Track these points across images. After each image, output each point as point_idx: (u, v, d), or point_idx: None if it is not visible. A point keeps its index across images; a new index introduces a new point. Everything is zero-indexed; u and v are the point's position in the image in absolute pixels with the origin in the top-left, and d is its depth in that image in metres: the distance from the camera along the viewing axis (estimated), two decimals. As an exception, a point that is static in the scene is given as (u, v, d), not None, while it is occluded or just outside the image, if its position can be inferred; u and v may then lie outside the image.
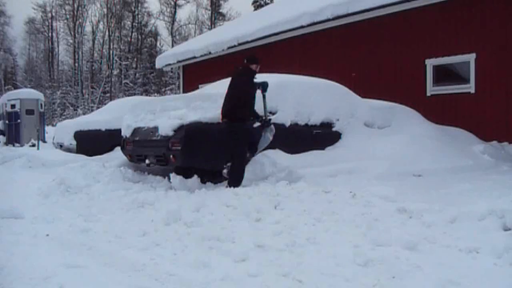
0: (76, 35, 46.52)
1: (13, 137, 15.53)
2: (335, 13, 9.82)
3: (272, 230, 3.65)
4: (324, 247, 3.28)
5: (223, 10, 47.73)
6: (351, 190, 4.77)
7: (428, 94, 8.92)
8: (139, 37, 47.62)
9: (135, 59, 46.13)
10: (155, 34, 47.95)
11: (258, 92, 5.55)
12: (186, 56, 14.81)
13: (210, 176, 5.73)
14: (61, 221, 4.45)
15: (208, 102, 6.00)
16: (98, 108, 27.46)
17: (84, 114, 32.83)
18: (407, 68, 9.22)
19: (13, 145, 14.89)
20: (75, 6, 46.89)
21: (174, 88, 37.63)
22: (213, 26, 43.83)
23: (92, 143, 10.68)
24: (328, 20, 10.04)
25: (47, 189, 5.93)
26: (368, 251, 3.11)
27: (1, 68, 46.37)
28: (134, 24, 47.49)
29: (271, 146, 6.13)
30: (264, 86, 5.48)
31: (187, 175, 5.65)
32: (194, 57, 14.40)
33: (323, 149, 6.45)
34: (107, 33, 46.97)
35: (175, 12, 47.34)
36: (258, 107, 5.60)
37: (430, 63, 8.90)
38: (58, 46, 49.82)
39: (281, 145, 6.16)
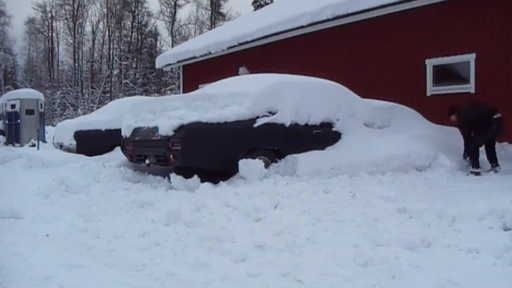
0: (76, 35, 46.55)
1: (13, 137, 15.48)
2: (335, 13, 9.81)
3: (272, 230, 3.65)
4: (324, 247, 3.28)
5: (223, 10, 47.83)
6: (351, 190, 4.77)
7: (428, 94, 8.91)
8: (139, 37, 47.61)
9: (135, 59, 46.12)
10: (155, 34, 47.98)
11: None
12: (186, 56, 14.80)
13: (210, 176, 5.73)
14: (61, 221, 4.45)
15: (208, 102, 6.00)
16: (98, 108, 27.44)
17: (84, 114, 32.82)
18: (407, 68, 9.21)
19: (13, 145, 14.85)
20: (75, 6, 46.97)
21: (174, 88, 37.63)
22: (213, 26, 43.83)
23: (92, 143, 10.65)
24: (328, 20, 10.03)
25: (47, 189, 5.92)
26: (368, 251, 3.11)
27: (1, 68, 46.36)
28: (134, 24, 47.49)
29: (271, 146, 6.16)
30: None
31: (187, 175, 5.65)
32: (194, 57, 14.39)
33: (323, 149, 6.44)
34: (107, 33, 47.01)
35: (175, 12, 47.41)
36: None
37: (430, 63, 8.89)
38: (58, 46, 49.92)
39: (281, 145, 6.17)
